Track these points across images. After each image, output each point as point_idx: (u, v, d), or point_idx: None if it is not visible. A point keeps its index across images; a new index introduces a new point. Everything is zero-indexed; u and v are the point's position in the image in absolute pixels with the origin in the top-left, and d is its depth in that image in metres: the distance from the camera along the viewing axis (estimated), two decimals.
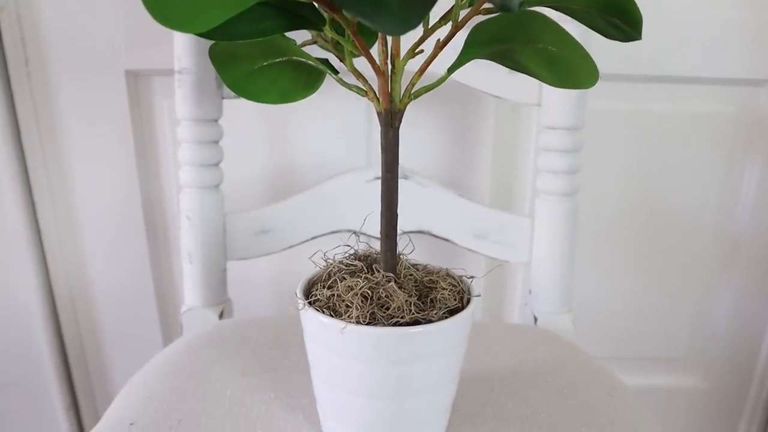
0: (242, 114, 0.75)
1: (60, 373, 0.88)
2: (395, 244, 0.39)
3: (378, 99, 0.37)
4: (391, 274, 0.38)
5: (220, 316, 0.63)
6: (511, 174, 0.79)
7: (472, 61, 0.60)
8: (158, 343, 0.87)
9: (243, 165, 0.77)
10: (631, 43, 0.72)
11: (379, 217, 0.38)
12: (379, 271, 0.38)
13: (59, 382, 0.88)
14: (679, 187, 0.81)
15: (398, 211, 0.43)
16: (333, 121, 0.76)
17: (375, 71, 0.36)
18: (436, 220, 0.65)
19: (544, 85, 0.60)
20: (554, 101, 0.60)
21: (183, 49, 0.58)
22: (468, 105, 0.76)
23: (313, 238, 0.65)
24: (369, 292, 0.36)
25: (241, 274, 0.81)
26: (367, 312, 0.35)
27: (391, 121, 0.37)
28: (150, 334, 0.86)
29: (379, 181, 0.65)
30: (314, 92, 0.42)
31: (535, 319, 0.64)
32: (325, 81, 0.43)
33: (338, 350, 0.36)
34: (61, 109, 0.75)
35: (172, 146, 0.77)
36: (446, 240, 0.65)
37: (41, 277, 0.82)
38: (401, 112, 0.37)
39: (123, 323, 0.86)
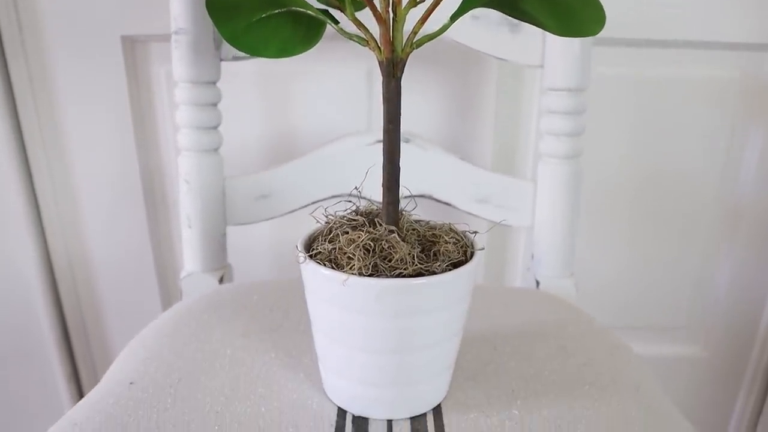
0: (241, 79, 0.74)
1: (60, 342, 0.88)
2: (398, 198, 0.38)
3: (379, 48, 0.36)
4: (394, 228, 0.37)
5: (220, 281, 0.63)
6: (513, 138, 0.79)
7: (474, 22, 0.59)
8: (158, 312, 0.87)
9: (242, 130, 0.76)
10: (634, 7, 0.71)
11: (381, 171, 0.38)
12: (381, 225, 0.37)
13: (59, 352, 0.88)
14: (682, 154, 0.80)
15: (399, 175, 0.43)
16: (333, 85, 0.75)
17: (377, 19, 0.35)
18: (437, 184, 0.64)
19: (547, 45, 0.59)
20: (557, 62, 0.59)
21: (180, 8, 0.57)
22: (469, 69, 0.75)
23: (314, 203, 0.64)
24: (371, 244, 0.35)
25: (241, 242, 0.81)
26: (370, 264, 0.35)
27: (393, 70, 0.36)
28: (150, 302, 0.86)
29: (381, 145, 0.64)
30: (313, 45, 0.41)
31: (537, 284, 0.64)
32: (325, 46, 0.42)
33: (340, 304, 0.35)
34: (56, 77, 0.74)
35: (170, 114, 0.76)
36: (447, 204, 0.65)
37: (40, 247, 0.82)
38: (403, 62, 0.36)
39: (122, 292, 0.86)
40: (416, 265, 0.35)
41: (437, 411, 0.40)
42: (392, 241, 0.35)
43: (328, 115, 0.76)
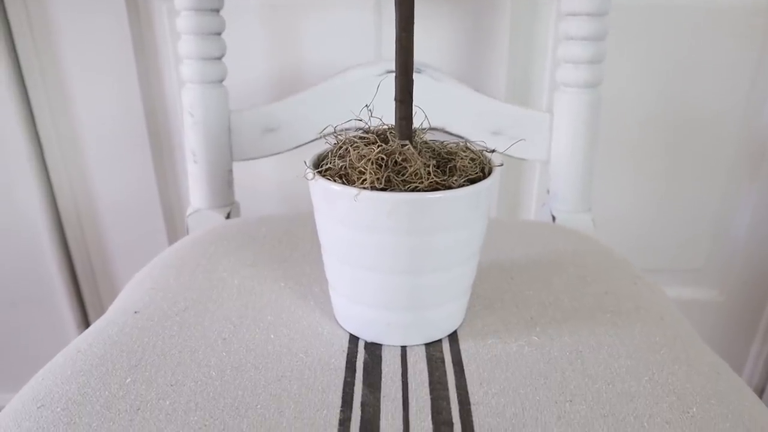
0: (245, 10, 0.71)
1: (68, 286, 0.87)
2: (411, 111, 0.36)
3: None
4: (407, 142, 0.35)
5: (227, 218, 0.61)
6: (528, 70, 0.75)
7: None
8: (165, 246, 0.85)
9: (248, 65, 0.73)
10: None
11: (394, 83, 0.35)
12: (394, 140, 0.35)
13: (68, 295, 0.88)
14: (704, 87, 0.77)
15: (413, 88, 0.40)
16: (341, 16, 0.71)
17: None
18: (450, 116, 0.62)
19: None
20: None
21: None
22: None
23: (322, 136, 0.62)
24: (384, 158, 0.33)
25: (248, 181, 0.79)
26: (382, 177, 0.33)
27: None
28: (156, 243, 0.85)
29: (391, 76, 0.61)
30: None
31: (554, 219, 0.62)
32: None
33: (351, 222, 0.33)
34: (55, 13, 0.71)
35: (173, 50, 0.74)
36: (461, 137, 0.62)
37: (44, 189, 0.80)
38: None
39: (129, 232, 0.85)
40: (432, 178, 0.33)
41: (453, 337, 0.38)
42: (406, 153, 0.33)
43: (337, 47, 0.73)
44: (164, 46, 0.74)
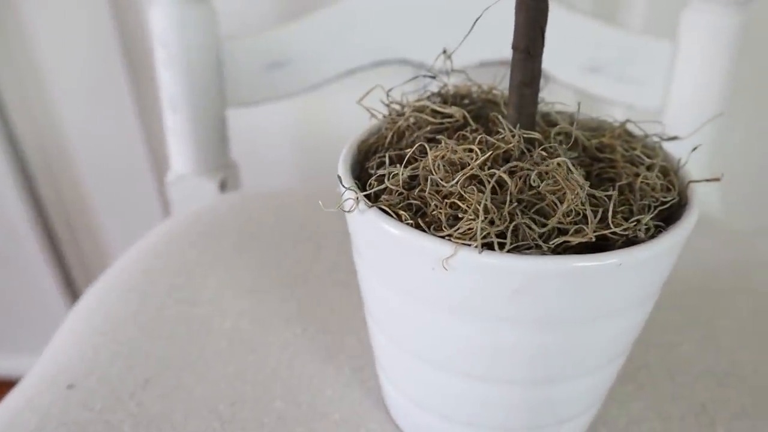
0: None
1: (47, 251, 0.73)
2: (539, 71, 0.19)
3: None
4: (538, 135, 0.18)
5: (222, 187, 0.45)
6: None
7: None
8: (157, 209, 0.70)
9: None
10: None
11: (514, 16, 0.18)
12: (510, 129, 0.18)
13: (48, 261, 0.73)
14: None
15: (471, 31, 0.23)
16: None
17: None
18: None
19: None
20: None
21: None
22: None
23: (348, 73, 0.44)
24: (507, 177, 0.17)
25: (249, 133, 0.61)
26: (503, 218, 0.16)
27: None
28: (146, 199, 0.69)
29: None
30: None
31: None
32: None
33: (433, 299, 0.17)
34: None
35: None
36: (544, 76, 0.45)
37: (6, 146, 0.64)
38: None
39: (112, 185, 0.69)
40: (604, 224, 0.16)
41: None
42: (558, 171, 0.16)
43: None
44: None
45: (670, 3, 0.45)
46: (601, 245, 0.17)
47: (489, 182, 0.16)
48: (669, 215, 0.18)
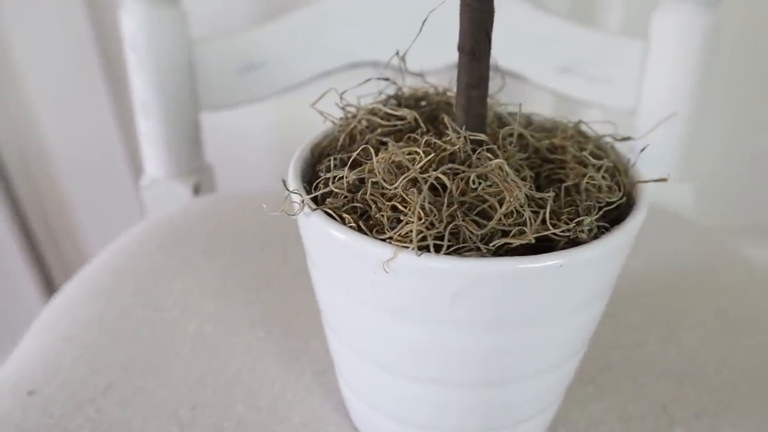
0: None
1: (25, 251, 0.72)
2: (487, 73, 0.19)
3: None
4: (484, 137, 0.18)
5: (195, 191, 0.45)
6: None
7: None
8: (137, 209, 0.70)
9: None
10: None
11: (459, 18, 0.18)
12: (456, 131, 0.18)
13: (27, 261, 0.73)
14: None
15: (443, 37, 0.23)
16: None
17: None
18: (500, 45, 0.44)
19: None
20: None
21: None
22: None
23: (322, 75, 0.44)
24: (446, 178, 0.17)
25: (227, 135, 0.61)
26: (442, 220, 0.16)
27: None
28: (126, 199, 0.69)
29: None
30: None
31: None
32: None
33: (375, 300, 0.17)
34: None
35: None
36: (515, 76, 0.45)
37: None
38: None
39: (92, 189, 0.69)
40: (544, 226, 0.16)
41: None
42: (495, 173, 0.16)
43: None
44: None
45: (647, 4, 0.45)
46: (549, 247, 0.17)
47: (425, 184, 0.16)
48: (618, 216, 0.19)
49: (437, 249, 0.16)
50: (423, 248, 0.16)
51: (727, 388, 0.26)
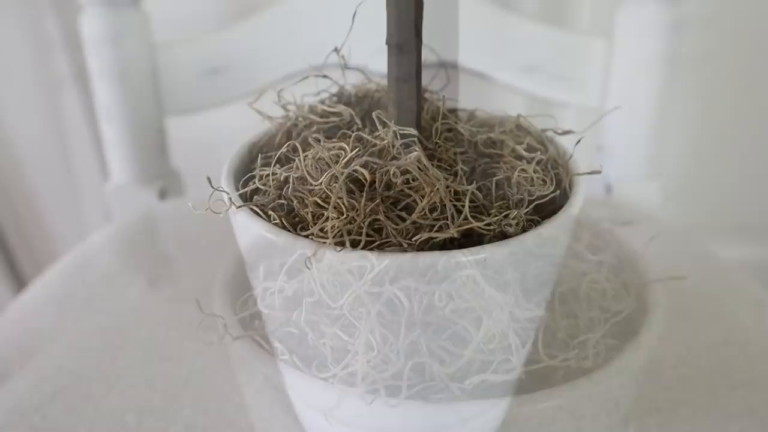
0: None
1: None
2: (418, 66, 0.19)
3: None
4: (413, 131, 0.18)
5: (161, 195, 0.44)
6: None
7: None
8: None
9: None
10: None
11: (385, 23, 0.18)
12: (386, 125, 0.18)
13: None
14: None
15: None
16: None
17: None
18: (465, 45, 0.44)
19: None
20: None
21: None
22: None
23: (286, 78, 0.44)
24: (366, 172, 0.16)
25: (197, 139, 0.61)
26: (363, 219, 0.16)
27: None
28: (98, 202, 0.68)
29: None
30: None
31: (608, 189, 0.45)
32: None
33: (301, 295, 0.17)
34: None
35: None
36: (480, 75, 0.45)
37: None
38: None
39: (63, 192, 0.68)
40: (467, 220, 0.16)
41: None
42: (413, 166, 0.16)
43: None
44: None
45: (616, 2, 0.45)
46: (479, 241, 0.16)
47: (341, 177, 0.16)
48: (554, 210, 0.18)
49: (358, 245, 0.15)
50: (342, 244, 0.15)
51: (683, 385, 0.25)
